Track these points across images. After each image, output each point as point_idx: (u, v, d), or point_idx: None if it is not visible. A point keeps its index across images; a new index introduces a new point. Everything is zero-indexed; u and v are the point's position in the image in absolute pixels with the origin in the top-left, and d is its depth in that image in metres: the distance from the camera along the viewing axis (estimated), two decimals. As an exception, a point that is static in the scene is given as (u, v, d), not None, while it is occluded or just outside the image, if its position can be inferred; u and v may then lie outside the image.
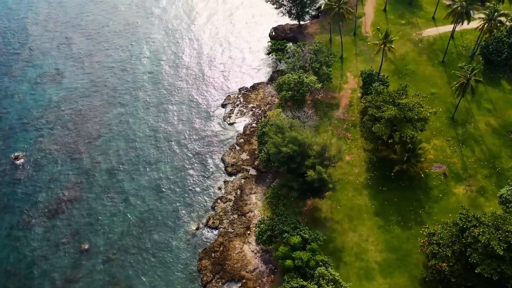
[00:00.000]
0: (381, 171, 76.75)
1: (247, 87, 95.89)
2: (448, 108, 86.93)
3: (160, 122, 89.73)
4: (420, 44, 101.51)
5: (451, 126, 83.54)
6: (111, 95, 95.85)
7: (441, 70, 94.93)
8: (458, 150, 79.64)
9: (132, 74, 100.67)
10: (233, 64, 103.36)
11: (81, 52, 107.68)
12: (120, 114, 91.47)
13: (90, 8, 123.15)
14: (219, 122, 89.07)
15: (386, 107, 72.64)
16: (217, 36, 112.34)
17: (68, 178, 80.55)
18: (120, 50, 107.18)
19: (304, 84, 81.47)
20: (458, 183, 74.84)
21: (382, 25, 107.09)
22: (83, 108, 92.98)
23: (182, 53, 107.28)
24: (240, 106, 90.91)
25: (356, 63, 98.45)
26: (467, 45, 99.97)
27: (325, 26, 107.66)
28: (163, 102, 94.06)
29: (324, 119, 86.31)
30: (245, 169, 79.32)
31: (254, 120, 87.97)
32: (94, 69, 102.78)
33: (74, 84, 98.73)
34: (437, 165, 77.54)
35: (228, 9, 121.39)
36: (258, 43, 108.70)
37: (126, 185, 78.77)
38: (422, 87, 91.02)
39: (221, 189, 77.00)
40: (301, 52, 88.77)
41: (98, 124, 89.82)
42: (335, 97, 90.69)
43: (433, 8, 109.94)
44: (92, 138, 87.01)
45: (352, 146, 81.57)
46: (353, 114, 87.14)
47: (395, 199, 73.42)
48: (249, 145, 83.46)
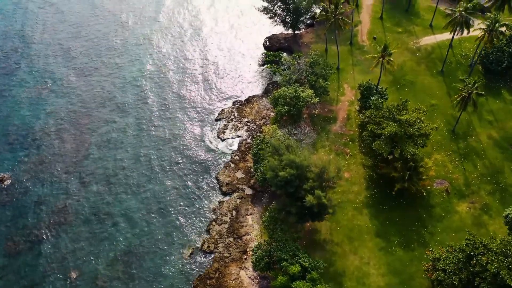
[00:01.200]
0: (381, 188, 74.12)
1: (242, 100, 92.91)
2: (449, 120, 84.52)
3: (151, 140, 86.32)
4: (418, 53, 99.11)
5: (452, 140, 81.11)
6: (100, 112, 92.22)
7: (440, 80, 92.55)
8: (460, 165, 77.21)
9: (121, 91, 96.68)
10: (226, 76, 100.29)
11: (72, 65, 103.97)
12: (109, 132, 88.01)
13: (88, 17, 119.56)
14: (213, 138, 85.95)
15: (386, 123, 70.01)
16: (209, 47, 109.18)
17: (55, 200, 77.04)
18: (109, 67, 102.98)
19: (300, 99, 78.69)
20: (461, 200, 72.39)
21: (378, 34, 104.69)
22: (71, 126, 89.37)
23: (173, 67, 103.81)
24: (234, 121, 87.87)
25: (353, 73, 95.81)
26: (466, 53, 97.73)
27: (321, 35, 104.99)
28: (154, 119, 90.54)
29: (321, 133, 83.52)
30: (241, 188, 76.31)
31: (249, 135, 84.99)
32: (82, 84, 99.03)
33: (62, 100, 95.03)
34: (439, 181, 75.04)
35: (219, 19, 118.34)
36: (252, 54, 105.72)
37: (115, 208, 75.43)
38: (421, 99, 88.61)
39: (215, 210, 73.94)
40: (297, 65, 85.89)
41: (86, 142, 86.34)
42: (332, 110, 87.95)
43: (430, 15, 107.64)
44: (80, 157, 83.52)
45: (351, 162, 78.86)
46: (351, 128, 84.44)
47: (396, 218, 70.81)
48: (244, 163, 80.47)
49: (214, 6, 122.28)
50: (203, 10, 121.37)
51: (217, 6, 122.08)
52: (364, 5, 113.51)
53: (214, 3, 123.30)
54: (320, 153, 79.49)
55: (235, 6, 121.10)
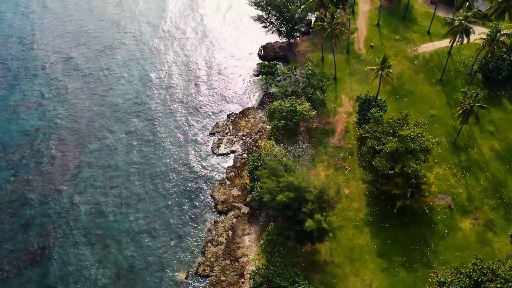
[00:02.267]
0: (382, 205, 71.79)
1: (236, 113, 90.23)
2: (449, 131, 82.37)
3: (144, 156, 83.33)
4: (416, 61, 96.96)
5: (454, 152, 78.94)
6: (90, 126, 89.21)
7: (439, 89, 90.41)
8: (462, 179, 75.02)
9: (112, 106, 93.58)
10: (220, 87, 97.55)
11: (60, 78, 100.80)
12: (99, 148, 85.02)
13: (78, 27, 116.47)
14: (207, 153, 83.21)
15: (386, 139, 67.68)
16: (202, 57, 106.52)
17: (44, 222, 73.97)
18: (97, 81, 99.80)
19: (297, 113, 76.21)
20: (464, 216, 70.18)
21: (375, 41, 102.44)
22: (61, 142, 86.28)
23: (166, 79, 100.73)
24: (229, 135, 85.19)
25: (350, 83, 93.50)
26: (465, 61, 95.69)
27: (316, 43, 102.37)
28: (147, 134, 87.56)
29: (319, 147, 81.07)
30: (237, 207, 73.68)
31: (245, 150, 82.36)
32: (72, 97, 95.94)
33: (52, 114, 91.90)
34: (441, 196, 72.78)
35: (213, 28, 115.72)
36: (247, 63, 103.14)
37: (106, 229, 72.44)
38: (420, 109, 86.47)
39: (211, 231, 71.25)
40: (293, 76, 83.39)
41: (77, 158, 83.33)
42: (330, 122, 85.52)
43: (428, 22, 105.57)
44: (70, 175, 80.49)
45: (350, 178, 76.44)
46: (349, 141, 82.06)
47: (398, 236, 68.46)
48: (240, 179, 77.83)
49: (207, 16, 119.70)
50: (196, 19, 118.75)
51: (211, 15, 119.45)
52: (360, 12, 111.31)
53: (207, 13, 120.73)
54: (319, 168, 77.15)
55: (229, 15, 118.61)
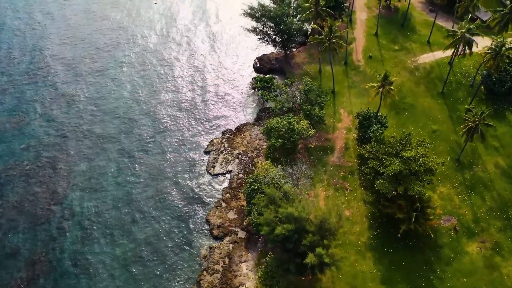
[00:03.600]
0: (385, 228, 68.81)
1: (232, 129, 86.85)
2: (452, 147, 79.57)
3: (135, 177, 79.75)
4: (417, 72, 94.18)
5: (458, 170, 76.13)
6: (79, 146, 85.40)
7: (441, 102, 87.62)
8: (467, 199, 72.23)
9: (101, 123, 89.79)
10: (215, 102, 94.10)
11: (48, 94, 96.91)
12: (90, 169, 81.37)
13: (65, 41, 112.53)
14: (202, 173, 79.77)
15: (389, 161, 64.67)
16: (196, 70, 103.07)
17: (31, 250, 70.24)
18: (87, 95, 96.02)
19: (295, 131, 73.03)
20: (471, 239, 67.34)
21: (374, 52, 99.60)
22: (48, 163, 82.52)
23: (158, 93, 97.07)
24: (225, 153, 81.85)
25: (349, 97, 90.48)
26: (466, 72, 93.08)
27: (313, 54, 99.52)
28: (138, 153, 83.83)
29: (318, 166, 77.96)
30: (233, 231, 70.37)
31: (241, 169, 79.06)
32: (60, 114, 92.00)
33: (39, 132, 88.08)
34: (446, 217, 69.93)
35: (206, 39, 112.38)
36: (242, 76, 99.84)
37: (96, 258, 68.80)
38: (422, 123, 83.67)
39: (206, 258, 67.88)
40: (290, 92, 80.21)
41: (65, 181, 79.61)
42: (329, 139, 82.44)
43: (427, 30, 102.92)
44: (58, 199, 76.81)
45: (351, 198, 73.39)
46: (349, 159, 79.01)
47: (402, 262, 65.48)
48: (237, 201, 74.55)
49: (201, 26, 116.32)
50: (190, 30, 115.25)
51: (203, 26, 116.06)
52: (358, 20, 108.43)
53: (201, 23, 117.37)
54: (318, 189, 74.12)
55: (222, 25, 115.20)
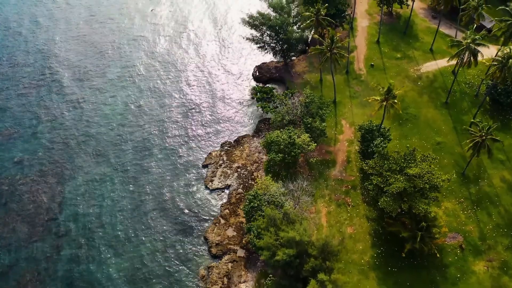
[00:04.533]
0: (389, 246, 66.67)
1: (230, 142, 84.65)
2: (457, 160, 77.47)
3: (130, 193, 77.35)
4: (420, 82, 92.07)
5: (463, 184, 74.03)
6: (74, 159, 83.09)
7: (445, 113, 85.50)
8: (473, 215, 70.15)
9: (96, 135, 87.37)
10: (213, 113, 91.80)
11: (43, 105, 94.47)
12: (84, 183, 79.14)
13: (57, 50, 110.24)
14: (200, 188, 77.56)
15: (393, 178, 62.54)
16: (193, 79, 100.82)
17: (23, 269, 68.04)
18: (83, 106, 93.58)
19: (296, 146, 70.91)
20: (477, 258, 65.26)
21: (376, 60, 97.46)
22: (42, 177, 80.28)
23: (154, 103, 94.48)
24: (223, 167, 79.67)
25: (351, 107, 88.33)
26: (470, 81, 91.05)
27: (314, 62, 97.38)
28: (134, 167, 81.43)
29: (319, 180, 75.81)
30: (232, 250, 68.20)
31: (240, 184, 76.88)
32: (54, 126, 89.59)
33: (33, 146, 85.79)
34: (452, 235, 67.81)
35: (203, 47, 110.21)
36: (241, 86, 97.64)
37: (91, 276, 66.67)
38: (426, 135, 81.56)
39: (204, 278, 65.70)
40: (290, 104, 78.06)
41: (58, 196, 77.39)
42: (330, 152, 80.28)
43: (429, 38, 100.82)
44: (51, 216, 74.57)
45: (354, 214, 71.25)
46: (352, 173, 76.87)
47: (407, 282, 63.35)
48: (236, 217, 72.39)
49: (198, 34, 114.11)
50: (187, 38, 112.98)
51: (201, 34, 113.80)
52: (359, 27, 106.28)
53: (198, 31, 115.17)
54: (319, 204, 71.98)
55: (221, 33, 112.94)
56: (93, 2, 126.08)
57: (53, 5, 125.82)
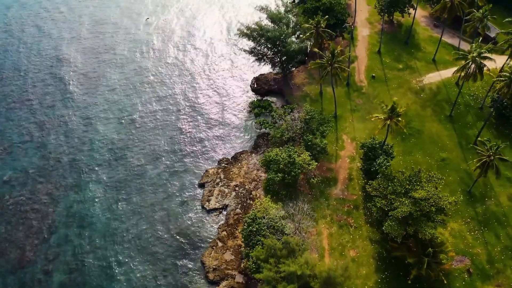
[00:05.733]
0: (394, 270, 63.89)
1: (228, 158, 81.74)
2: (462, 178, 74.80)
3: (123, 215, 74.01)
4: (422, 94, 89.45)
5: (469, 203, 71.36)
6: (64, 177, 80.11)
7: (449, 127, 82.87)
8: (481, 236, 67.47)
9: (87, 151, 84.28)
10: (210, 128, 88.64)
11: (31, 119, 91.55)
12: (76, 202, 76.14)
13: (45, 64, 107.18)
14: (196, 209, 74.59)
15: (398, 201, 59.79)
16: (190, 91, 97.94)
17: (11, 297, 65.20)
18: (74, 122, 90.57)
19: (296, 165, 68.14)
20: (486, 283, 62.53)
21: (377, 71, 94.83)
22: (31, 197, 77.24)
23: (149, 115, 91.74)
24: (221, 185, 76.80)
25: (352, 121, 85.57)
26: (474, 93, 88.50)
27: (314, 74, 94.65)
28: (128, 185, 78.17)
29: (320, 199, 73.03)
30: (230, 275, 65.34)
31: (238, 204, 74.03)
32: (44, 142, 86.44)
33: (22, 163, 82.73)
34: (459, 258, 65.10)
35: (200, 58, 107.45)
36: (238, 99, 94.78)
37: (83, 305, 63.93)
38: (430, 151, 78.90)
39: (201, 306, 62.96)
40: (290, 121, 75.29)
41: (50, 216, 74.40)
42: (331, 169, 77.50)
43: (432, 47, 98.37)
44: (43, 238, 71.56)
45: (356, 236, 68.48)
46: (354, 191, 74.12)
47: (413, 310, 60.76)
48: (234, 240, 69.53)
49: (194, 44, 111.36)
50: (182, 49, 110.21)
51: (198, 44, 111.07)
52: (359, 37, 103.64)
53: (194, 41, 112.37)
54: (321, 225, 69.20)
55: (219, 43, 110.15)
56: (86, 14, 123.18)
57: (45, 16, 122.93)
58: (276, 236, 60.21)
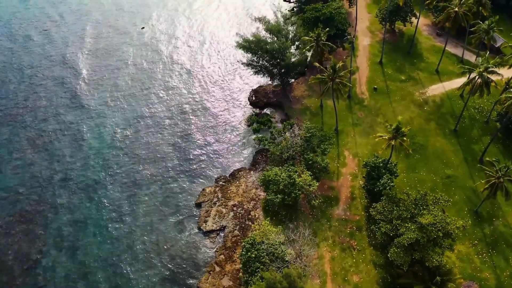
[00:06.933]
0: (399, 296, 61.27)
1: (226, 176, 78.79)
2: (469, 196, 72.13)
3: (116, 237, 70.67)
4: (426, 106, 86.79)
5: (476, 224, 68.68)
6: (56, 195, 77.03)
7: (454, 142, 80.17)
8: (489, 259, 64.77)
9: (81, 167, 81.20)
10: (206, 144, 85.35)
11: (22, 135, 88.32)
12: (67, 224, 73.05)
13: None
14: (192, 230, 71.57)
15: (404, 227, 57.05)
16: (186, 104, 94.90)
17: (-1, 327, 62.26)
18: (67, 136, 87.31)
19: (296, 186, 65.32)
20: (495, 310, 60.07)
21: (379, 83, 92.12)
22: (21, 218, 74.04)
23: (142, 131, 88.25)
24: (218, 205, 73.89)
25: (354, 136, 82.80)
26: (479, 105, 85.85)
27: (314, 86, 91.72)
28: (120, 206, 74.88)
29: (321, 220, 70.23)
30: (228, 303, 62.54)
31: (237, 224, 71.15)
32: (34, 159, 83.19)
33: (12, 182, 79.55)
34: (466, 283, 62.36)
35: (197, 71, 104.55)
36: (236, 112, 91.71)
37: (75, 335, 60.99)
38: (435, 167, 76.22)
39: (198, 337, 60.05)
40: (289, 139, 72.44)
41: (40, 240, 71.27)
42: (333, 187, 74.71)
43: (434, 57, 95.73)
44: (32, 263, 68.37)
45: (360, 260, 65.69)
46: (356, 211, 71.34)
47: None
48: (232, 264, 66.64)
49: (190, 55, 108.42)
50: (177, 59, 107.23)
51: (194, 55, 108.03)
52: (360, 46, 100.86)
53: (190, 52, 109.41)
54: (322, 249, 66.39)
55: (213, 56, 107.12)
56: (80, 23, 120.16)
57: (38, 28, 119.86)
58: (276, 264, 57.49)
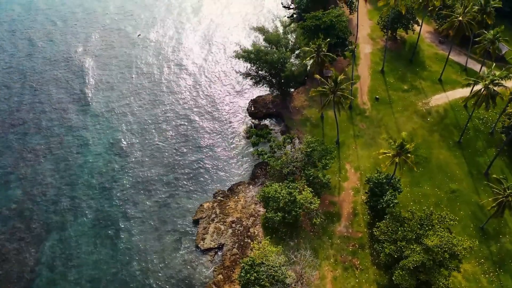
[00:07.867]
0: (404, 319, 59.11)
1: (224, 191, 76.56)
2: (474, 211, 70.10)
3: (110, 255, 68.30)
4: (429, 117, 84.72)
5: (482, 241, 66.62)
6: (49, 211, 74.76)
7: (458, 155, 78.12)
8: (496, 279, 62.72)
9: (74, 184, 78.55)
10: (204, 157, 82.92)
11: (17, 148, 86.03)
12: (61, 241, 70.85)
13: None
14: (189, 249, 69.30)
15: (409, 249, 54.96)
16: (183, 114, 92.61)
17: None
18: (60, 149, 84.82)
19: (297, 204, 63.20)
20: (503, 333, 58.06)
21: (381, 92, 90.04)
22: (15, 236, 71.72)
23: (139, 143, 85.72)
24: (216, 221, 71.70)
25: (355, 148, 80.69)
26: (484, 116, 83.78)
27: (314, 96, 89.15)
28: (115, 222, 72.37)
29: (323, 237, 68.12)
30: (227, 326, 60.42)
31: (235, 242, 68.96)
32: (27, 172, 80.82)
33: (5, 198, 77.17)
34: (473, 305, 60.57)
35: (193, 79, 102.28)
36: (234, 123, 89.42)
37: None
38: (439, 181, 74.17)
39: None
40: (290, 154, 70.30)
41: (33, 258, 69.04)
42: (334, 202, 72.59)
43: (437, 66, 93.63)
44: (24, 283, 66.18)
45: (363, 280, 63.56)
46: (359, 228, 69.23)
47: None
48: (230, 284, 64.47)
49: (186, 63, 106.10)
50: (173, 67, 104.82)
51: (191, 63, 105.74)
52: (361, 54, 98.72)
53: (187, 60, 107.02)
54: (324, 268, 64.28)
55: (214, 63, 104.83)
56: (82, 29, 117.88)
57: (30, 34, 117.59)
58: (276, 287, 55.32)
